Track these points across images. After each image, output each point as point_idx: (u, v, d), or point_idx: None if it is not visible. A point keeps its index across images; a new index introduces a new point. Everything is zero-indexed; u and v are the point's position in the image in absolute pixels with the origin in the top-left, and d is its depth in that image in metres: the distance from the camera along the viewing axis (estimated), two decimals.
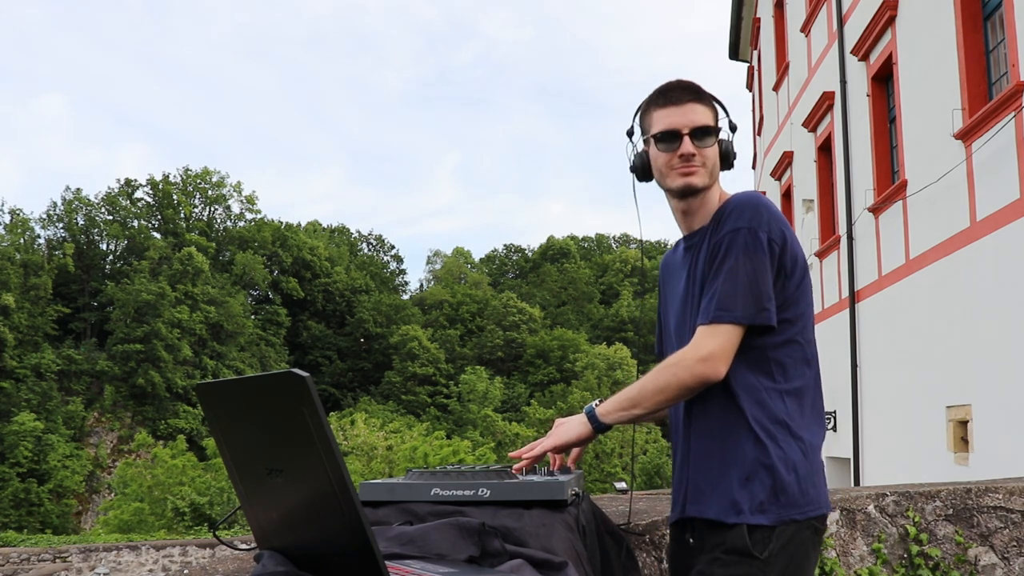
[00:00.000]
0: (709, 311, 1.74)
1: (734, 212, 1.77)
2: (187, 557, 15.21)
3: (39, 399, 43.69)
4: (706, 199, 1.87)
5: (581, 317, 62.66)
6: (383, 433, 31.29)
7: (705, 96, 1.85)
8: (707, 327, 1.73)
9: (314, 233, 63.49)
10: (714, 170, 1.84)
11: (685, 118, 1.81)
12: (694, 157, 1.81)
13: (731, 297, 1.72)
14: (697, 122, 1.81)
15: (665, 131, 1.82)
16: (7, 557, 15.74)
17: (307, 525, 1.22)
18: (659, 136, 1.83)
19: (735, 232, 1.74)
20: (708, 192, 1.86)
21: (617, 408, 1.80)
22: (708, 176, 1.83)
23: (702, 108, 1.82)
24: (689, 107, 1.82)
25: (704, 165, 1.82)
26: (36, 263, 47.90)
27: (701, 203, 1.87)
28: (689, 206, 1.88)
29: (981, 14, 7.90)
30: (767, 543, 1.71)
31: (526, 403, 50.86)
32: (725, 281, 1.73)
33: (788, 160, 14.88)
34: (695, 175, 1.82)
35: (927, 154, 8.73)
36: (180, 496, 23.17)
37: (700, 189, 1.84)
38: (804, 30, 13.53)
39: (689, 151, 1.80)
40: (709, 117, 1.83)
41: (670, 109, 1.83)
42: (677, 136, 1.81)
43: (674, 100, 1.83)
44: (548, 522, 1.65)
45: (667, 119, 1.82)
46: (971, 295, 7.81)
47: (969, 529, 3.53)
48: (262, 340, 54.21)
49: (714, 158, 1.83)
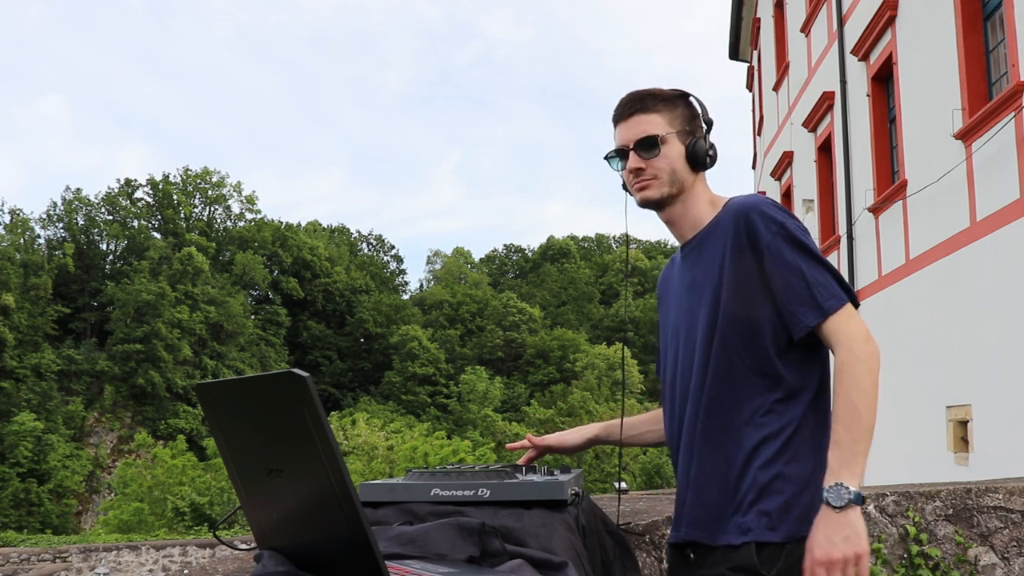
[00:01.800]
0: (819, 306, 1.62)
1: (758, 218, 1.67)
2: (187, 557, 15.20)
3: (39, 399, 43.69)
4: (687, 206, 1.79)
5: (581, 317, 62.67)
6: (384, 433, 31.31)
7: (654, 103, 1.77)
8: (834, 317, 1.62)
9: (314, 233, 63.48)
10: (675, 176, 1.76)
11: (630, 132, 1.77)
12: (643, 171, 1.75)
13: (824, 286, 1.63)
14: (640, 134, 1.75)
15: (614, 149, 1.80)
16: (7, 557, 15.74)
17: (307, 525, 1.22)
18: (611, 155, 1.81)
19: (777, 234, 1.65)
20: (684, 198, 1.79)
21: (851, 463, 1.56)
22: (667, 185, 1.76)
23: (648, 118, 1.76)
24: (635, 120, 1.77)
25: (656, 177, 1.75)
26: (36, 263, 47.90)
27: (682, 211, 1.80)
28: (668, 216, 1.82)
29: (981, 14, 7.90)
30: (776, 561, 1.62)
31: (526, 403, 50.82)
32: (808, 275, 1.63)
33: (788, 160, 14.88)
34: (648, 188, 1.76)
35: (927, 154, 8.73)
36: (180, 496, 23.16)
37: (658, 200, 1.78)
38: (804, 30, 13.53)
39: (634, 166, 1.76)
40: (657, 125, 1.75)
41: (620, 126, 1.79)
42: (625, 152, 1.78)
43: (622, 115, 1.79)
44: (548, 522, 1.65)
45: (618, 136, 1.80)
46: (971, 295, 7.81)
47: (969, 529, 3.53)
48: (262, 340, 54.22)
49: (671, 165, 1.75)
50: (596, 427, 2.14)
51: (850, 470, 1.55)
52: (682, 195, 1.78)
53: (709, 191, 1.82)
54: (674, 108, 1.78)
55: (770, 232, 1.65)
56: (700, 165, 1.78)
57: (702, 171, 1.80)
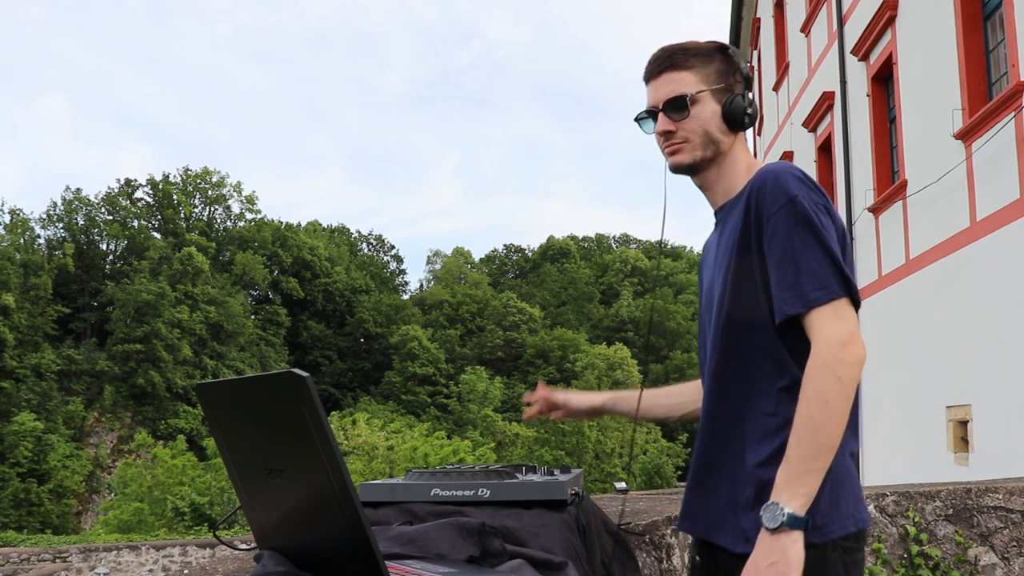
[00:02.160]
0: (802, 295, 1.44)
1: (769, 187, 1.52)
2: (187, 557, 15.20)
3: (39, 399, 43.69)
4: (723, 171, 1.65)
5: (581, 317, 62.65)
6: (384, 433, 31.31)
7: (685, 59, 1.62)
8: (817, 311, 1.43)
9: (314, 233, 63.47)
10: (709, 138, 1.61)
11: (659, 91, 1.63)
12: (673, 134, 1.62)
13: (815, 274, 1.45)
14: (669, 94, 1.61)
15: (644, 111, 1.66)
16: (7, 557, 15.74)
17: (307, 525, 1.22)
18: (641, 116, 1.67)
19: (784, 208, 1.49)
20: (719, 162, 1.65)
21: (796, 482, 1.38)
22: (700, 148, 1.62)
23: (679, 75, 1.61)
24: (664, 78, 1.63)
25: (688, 140, 1.61)
26: (36, 263, 47.89)
27: (717, 176, 1.66)
28: (702, 181, 1.68)
29: (981, 14, 7.90)
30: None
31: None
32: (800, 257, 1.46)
33: (788, 160, 14.88)
34: (679, 152, 1.63)
35: (927, 154, 8.73)
36: (180, 496, 23.16)
37: (690, 165, 1.64)
38: (804, 30, 13.53)
39: (663, 128, 1.62)
40: (688, 83, 1.61)
41: (650, 84, 1.66)
42: (655, 114, 1.64)
43: (652, 73, 1.65)
44: (548, 522, 1.65)
45: (648, 96, 1.66)
46: (971, 295, 7.81)
47: (969, 529, 3.53)
48: (262, 340, 54.20)
49: (703, 127, 1.61)
50: (604, 395, 2.04)
51: (793, 490, 1.38)
52: (717, 159, 1.64)
53: (748, 155, 1.68)
54: (709, 63, 1.63)
55: (776, 204, 1.49)
56: (737, 125, 1.63)
57: (740, 131, 1.65)
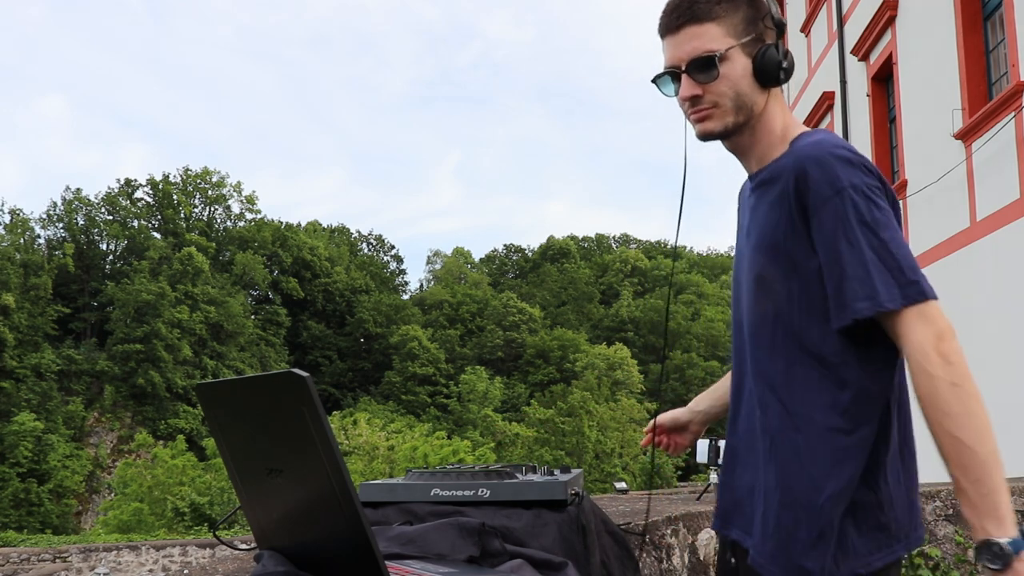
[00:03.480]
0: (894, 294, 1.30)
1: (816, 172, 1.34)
2: (187, 557, 15.19)
3: (39, 399, 43.69)
4: (757, 134, 1.47)
5: (581, 317, 62.64)
6: (385, 433, 31.31)
7: (709, 7, 1.41)
8: (910, 310, 1.31)
9: (314, 233, 63.48)
10: (741, 100, 1.43)
11: (681, 49, 1.43)
12: (700, 98, 1.43)
13: (891, 270, 1.32)
14: (693, 52, 1.41)
15: (663, 72, 1.47)
16: (7, 557, 15.74)
17: (307, 525, 1.22)
18: (659, 78, 1.48)
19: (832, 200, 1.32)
20: (754, 124, 1.46)
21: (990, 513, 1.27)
22: (732, 113, 1.43)
23: (703, 29, 1.41)
24: (686, 33, 1.43)
25: (718, 104, 1.43)
26: (36, 263, 47.90)
27: (751, 140, 1.48)
28: (734, 146, 1.50)
29: (981, 14, 7.90)
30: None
31: (526, 403, 50.76)
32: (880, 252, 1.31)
33: None
34: (709, 119, 1.44)
35: (927, 154, 8.73)
36: (180, 496, 23.16)
37: (722, 132, 1.46)
38: (804, 30, 13.53)
39: (689, 93, 1.43)
40: (714, 38, 1.40)
41: (668, 40, 1.46)
42: (677, 75, 1.45)
43: (670, 26, 1.45)
44: (548, 522, 1.65)
45: (667, 53, 1.46)
46: (971, 295, 7.81)
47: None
48: (262, 340, 54.21)
49: (734, 88, 1.42)
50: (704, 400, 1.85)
51: (992, 519, 1.26)
52: (751, 121, 1.45)
53: (784, 114, 1.49)
54: (736, 10, 1.42)
55: (825, 192, 1.33)
56: (773, 81, 1.44)
57: (775, 87, 1.47)
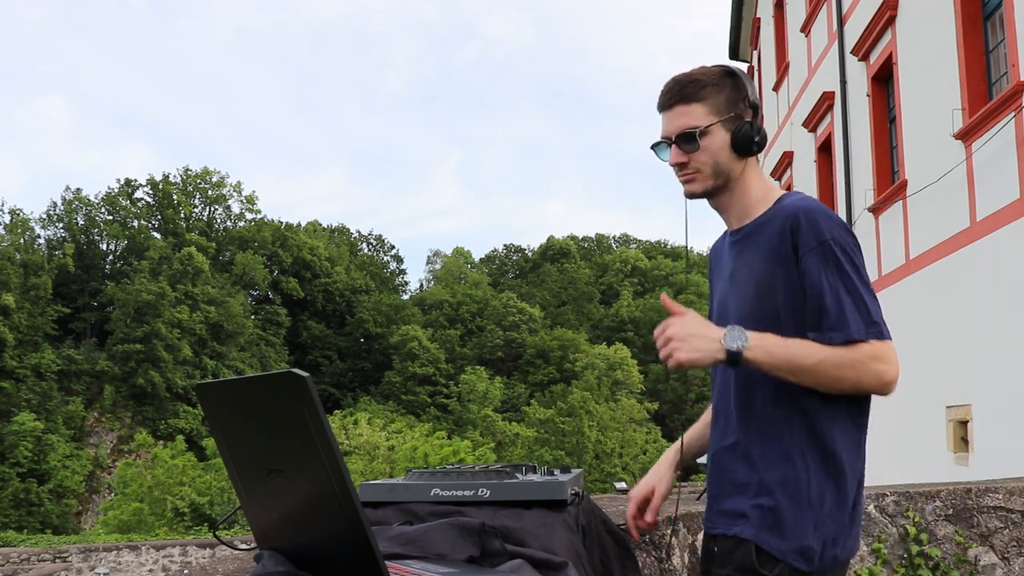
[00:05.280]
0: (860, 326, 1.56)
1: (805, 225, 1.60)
2: (187, 557, 15.19)
3: (39, 399, 43.68)
4: (736, 195, 1.73)
5: (581, 317, 62.62)
6: (385, 433, 31.29)
7: (695, 90, 1.69)
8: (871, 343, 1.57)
9: (314, 233, 63.45)
10: (719, 168, 1.69)
11: (671, 124, 1.70)
12: (685, 165, 1.70)
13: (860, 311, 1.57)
14: (680, 127, 1.69)
15: (658, 142, 1.74)
16: (7, 557, 15.74)
17: (307, 525, 1.22)
18: (656, 145, 1.74)
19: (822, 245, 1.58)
20: (732, 187, 1.73)
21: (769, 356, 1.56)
22: (711, 178, 1.70)
23: (689, 108, 1.68)
24: (676, 111, 1.70)
25: (699, 171, 1.69)
26: (36, 263, 47.88)
27: (729, 200, 1.74)
28: (717, 204, 1.77)
29: (981, 14, 7.90)
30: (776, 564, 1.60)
31: (526, 403, 50.75)
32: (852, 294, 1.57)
33: (788, 160, 14.88)
34: (692, 183, 1.71)
35: (927, 154, 8.73)
36: (180, 496, 23.15)
37: (703, 194, 1.73)
38: (804, 30, 13.53)
39: (675, 161, 1.70)
40: (698, 116, 1.67)
41: (664, 115, 1.73)
42: (668, 145, 1.72)
43: (664, 105, 1.73)
44: (548, 522, 1.65)
45: (662, 125, 1.74)
46: (971, 295, 7.81)
47: (969, 529, 3.53)
48: (262, 340, 54.19)
49: (713, 157, 1.68)
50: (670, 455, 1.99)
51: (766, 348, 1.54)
52: (729, 184, 1.72)
53: (761, 179, 1.76)
54: (719, 92, 1.69)
55: (811, 242, 1.59)
56: (747, 152, 1.70)
57: (750, 157, 1.72)
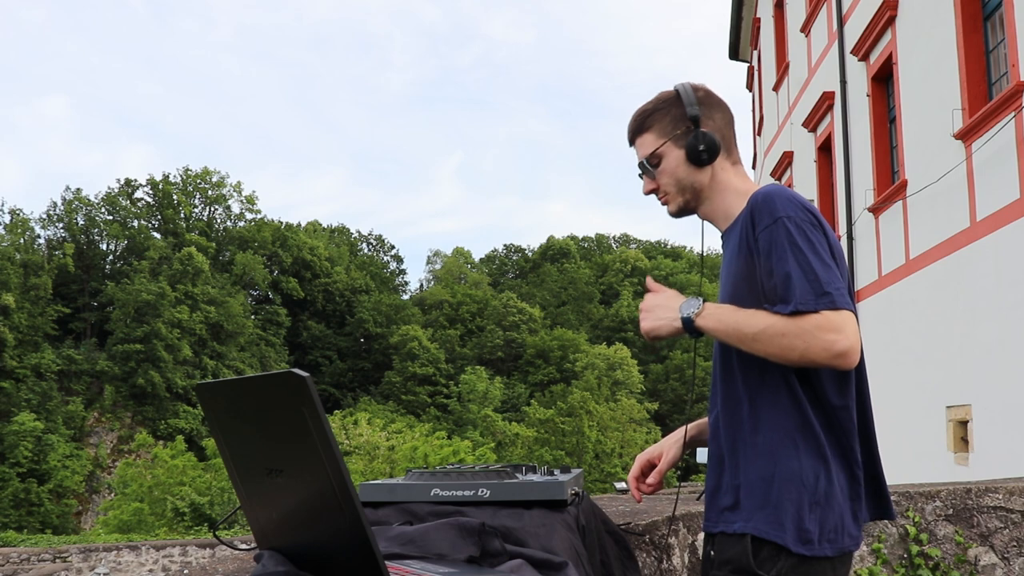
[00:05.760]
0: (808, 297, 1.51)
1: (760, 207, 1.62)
2: (187, 557, 15.19)
3: (39, 399, 43.65)
4: (715, 202, 1.77)
5: (581, 317, 62.61)
6: (385, 433, 31.30)
7: (644, 120, 1.79)
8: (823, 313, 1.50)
9: (314, 233, 63.43)
10: (682, 184, 1.76)
11: (638, 155, 1.81)
12: (656, 190, 1.80)
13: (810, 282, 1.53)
14: (641, 158, 1.79)
15: (640, 173, 1.84)
16: (7, 557, 15.74)
17: (307, 525, 1.22)
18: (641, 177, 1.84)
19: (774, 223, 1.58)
20: (708, 196, 1.77)
21: (720, 323, 1.59)
22: (679, 195, 1.77)
23: (643, 139, 1.79)
24: (636, 144, 1.81)
25: (667, 192, 1.78)
26: (36, 263, 47.86)
27: (711, 208, 1.79)
28: (703, 215, 1.82)
29: (981, 14, 7.90)
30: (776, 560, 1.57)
31: (526, 403, 50.79)
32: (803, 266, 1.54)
33: (788, 160, 14.88)
34: (668, 204, 1.80)
35: (927, 154, 8.73)
36: (180, 496, 23.16)
37: (679, 212, 1.80)
38: (804, 30, 13.53)
39: (646, 190, 1.81)
40: (649, 143, 1.77)
41: (633, 149, 1.84)
42: (641, 175, 1.83)
43: (629, 141, 1.84)
44: (548, 522, 1.65)
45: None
46: (971, 295, 7.81)
47: (969, 529, 3.53)
48: (262, 340, 54.18)
49: (672, 176, 1.75)
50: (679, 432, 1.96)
51: (717, 316, 1.59)
52: (703, 193, 1.77)
53: (737, 179, 1.78)
54: (664, 115, 1.77)
55: (765, 220, 1.59)
56: (700, 162, 1.73)
57: (709, 164, 1.74)
